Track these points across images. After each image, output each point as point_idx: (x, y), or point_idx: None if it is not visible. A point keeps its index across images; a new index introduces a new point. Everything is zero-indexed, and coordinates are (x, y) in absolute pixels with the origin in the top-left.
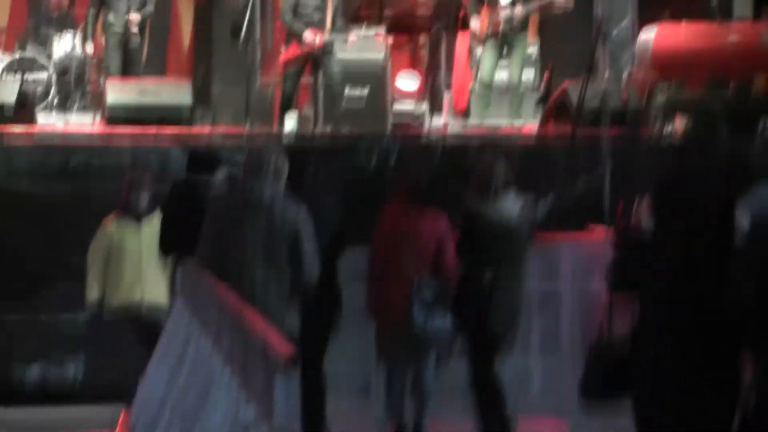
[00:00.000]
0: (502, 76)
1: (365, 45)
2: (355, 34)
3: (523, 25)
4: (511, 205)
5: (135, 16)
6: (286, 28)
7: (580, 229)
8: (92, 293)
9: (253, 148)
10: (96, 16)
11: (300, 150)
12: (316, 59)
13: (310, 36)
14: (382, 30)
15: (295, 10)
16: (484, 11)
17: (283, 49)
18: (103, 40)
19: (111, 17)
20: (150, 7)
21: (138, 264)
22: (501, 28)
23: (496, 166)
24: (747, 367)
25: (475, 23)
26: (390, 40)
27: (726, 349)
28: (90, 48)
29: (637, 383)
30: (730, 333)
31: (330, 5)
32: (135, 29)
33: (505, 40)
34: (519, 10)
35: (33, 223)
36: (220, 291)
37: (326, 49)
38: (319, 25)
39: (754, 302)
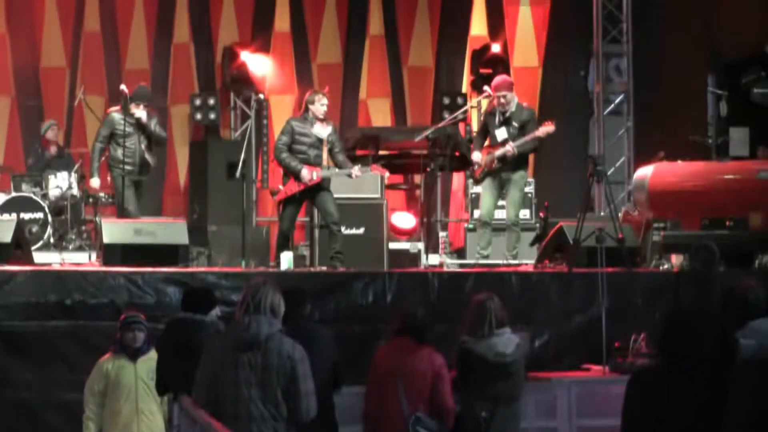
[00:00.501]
0: (498, 214)
1: (362, 184)
2: (357, 169)
3: (519, 161)
4: (507, 343)
5: (149, 154)
6: (281, 167)
7: (576, 366)
8: (89, 430)
9: (249, 285)
10: (101, 151)
11: (296, 287)
12: (312, 196)
13: (306, 174)
14: (379, 165)
15: (290, 148)
16: (483, 150)
17: (279, 186)
18: (108, 178)
19: (119, 153)
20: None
21: (134, 401)
22: (494, 166)
23: (492, 304)
24: None
25: (476, 158)
26: (386, 173)
27: None
28: (96, 183)
29: None
30: None
31: (326, 144)
32: (152, 160)
33: (502, 177)
34: (509, 148)
35: (28, 359)
36: (217, 428)
37: (322, 186)
38: (315, 163)
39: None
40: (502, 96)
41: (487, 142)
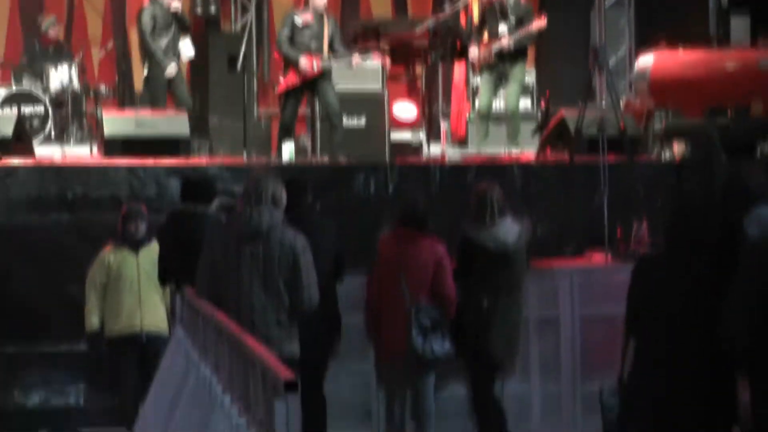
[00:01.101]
0: (499, 104)
1: (362, 75)
2: (357, 56)
3: (517, 55)
4: (508, 231)
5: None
6: (282, 58)
7: (578, 255)
8: (91, 321)
9: (251, 176)
10: (157, 45)
11: (298, 178)
12: (313, 87)
13: (305, 63)
14: (379, 54)
15: (292, 40)
16: (482, 42)
17: (280, 78)
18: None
19: (162, 45)
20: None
21: (137, 292)
22: (493, 59)
23: (494, 193)
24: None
25: (473, 53)
26: (387, 60)
27: (722, 373)
28: (173, 69)
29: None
30: (727, 356)
31: (326, 33)
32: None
33: (500, 69)
34: (505, 40)
35: (30, 253)
36: (220, 318)
37: (324, 77)
38: (316, 53)
39: (752, 323)
40: None
41: (486, 37)
